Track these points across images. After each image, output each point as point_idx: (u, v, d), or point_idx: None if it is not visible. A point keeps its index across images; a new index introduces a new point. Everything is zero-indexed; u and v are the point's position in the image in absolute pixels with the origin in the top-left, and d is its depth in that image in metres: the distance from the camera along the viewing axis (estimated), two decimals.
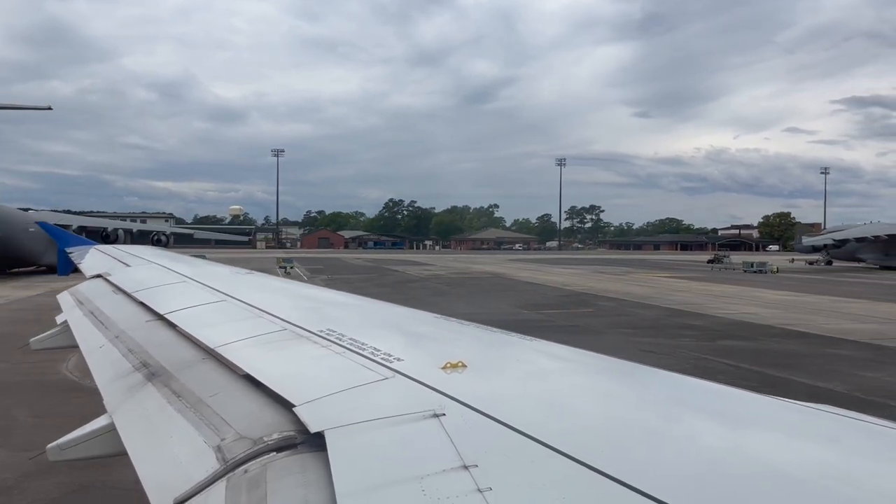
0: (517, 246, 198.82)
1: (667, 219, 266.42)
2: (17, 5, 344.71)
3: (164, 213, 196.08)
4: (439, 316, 3.81)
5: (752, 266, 61.09)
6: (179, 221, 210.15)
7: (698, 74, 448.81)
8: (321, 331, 3.08)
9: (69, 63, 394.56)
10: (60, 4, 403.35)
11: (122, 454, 2.31)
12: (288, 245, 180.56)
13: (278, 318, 3.52)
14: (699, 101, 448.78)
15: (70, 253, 10.22)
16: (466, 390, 2.06)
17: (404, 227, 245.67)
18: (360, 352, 2.64)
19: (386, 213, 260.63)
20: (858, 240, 76.34)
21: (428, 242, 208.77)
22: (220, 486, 1.74)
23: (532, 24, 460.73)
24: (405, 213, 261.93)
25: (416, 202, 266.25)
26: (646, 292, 36.77)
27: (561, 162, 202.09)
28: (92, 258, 8.84)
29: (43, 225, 13.81)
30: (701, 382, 2.34)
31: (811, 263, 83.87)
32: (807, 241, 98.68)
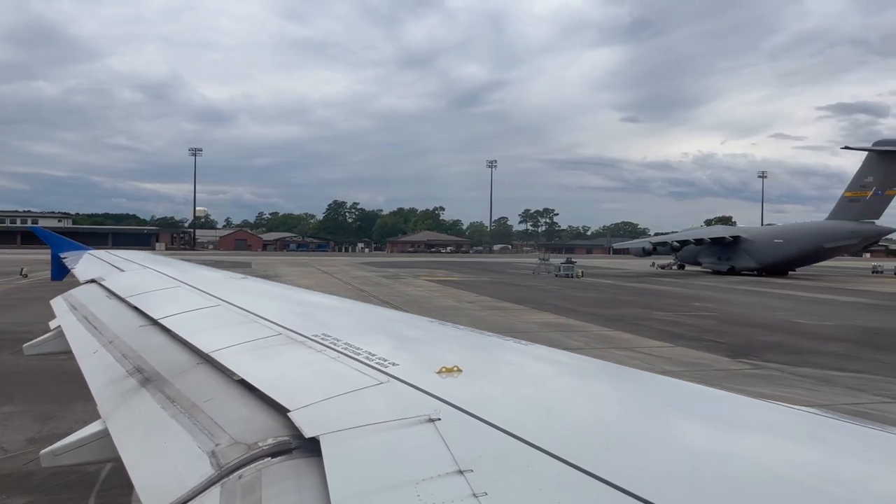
0: (448, 248, 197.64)
1: (622, 222, 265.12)
2: (0, 4, 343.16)
3: (56, 212, 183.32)
4: (434, 320, 3.81)
5: (559, 270, 61.53)
6: (142, 222, 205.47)
7: (686, 79, 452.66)
8: (316, 335, 3.08)
9: (55, 63, 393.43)
10: (45, 3, 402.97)
11: (117, 460, 2.30)
12: (210, 247, 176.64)
13: (273, 322, 3.51)
14: (687, 106, 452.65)
15: (64, 258, 10.18)
16: (461, 395, 2.06)
17: (349, 228, 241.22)
18: (355, 356, 2.64)
19: (332, 215, 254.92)
20: (681, 242, 75.74)
21: (360, 244, 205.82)
22: (215, 491, 1.74)
23: (521, 27, 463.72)
24: (347, 214, 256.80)
25: (358, 203, 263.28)
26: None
27: (492, 164, 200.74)
28: (85, 263, 8.81)
29: (36, 230, 13.76)
30: (694, 386, 2.35)
31: (662, 268, 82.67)
32: (619, 244, 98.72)
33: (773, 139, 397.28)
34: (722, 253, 71.92)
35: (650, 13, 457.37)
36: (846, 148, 67.82)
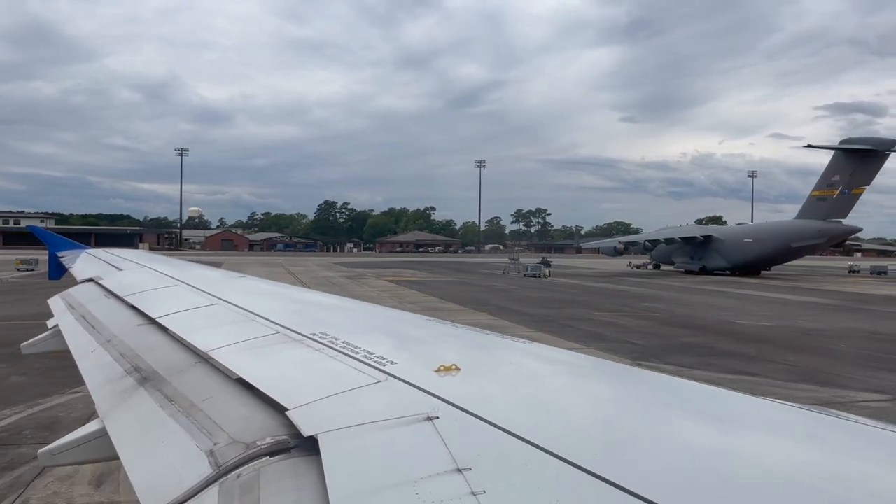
0: (437, 249, 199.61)
1: (615, 222, 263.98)
2: None
3: (39, 212, 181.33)
4: (432, 319, 3.81)
5: (527, 270, 62.10)
6: (135, 223, 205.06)
7: (684, 79, 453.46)
8: (314, 334, 3.08)
9: (52, 63, 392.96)
10: (42, 3, 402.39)
11: (115, 459, 2.30)
12: (197, 247, 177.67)
13: (271, 321, 3.51)
14: (685, 106, 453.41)
15: (61, 257, 10.16)
16: (460, 393, 2.06)
17: (340, 228, 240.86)
18: (354, 355, 2.64)
19: (323, 215, 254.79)
20: (652, 242, 75.93)
21: (349, 244, 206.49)
22: (213, 490, 1.73)
23: (519, 27, 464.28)
24: (337, 214, 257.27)
25: (349, 203, 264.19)
26: None
27: (480, 164, 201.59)
28: (83, 262, 8.79)
29: (34, 229, 13.72)
30: (693, 384, 2.35)
31: (638, 267, 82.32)
32: (588, 244, 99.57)
33: (771, 139, 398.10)
34: (694, 252, 71.74)
35: (648, 13, 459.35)
36: (809, 146, 67.47)
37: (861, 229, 70.94)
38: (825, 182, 63.72)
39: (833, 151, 63.50)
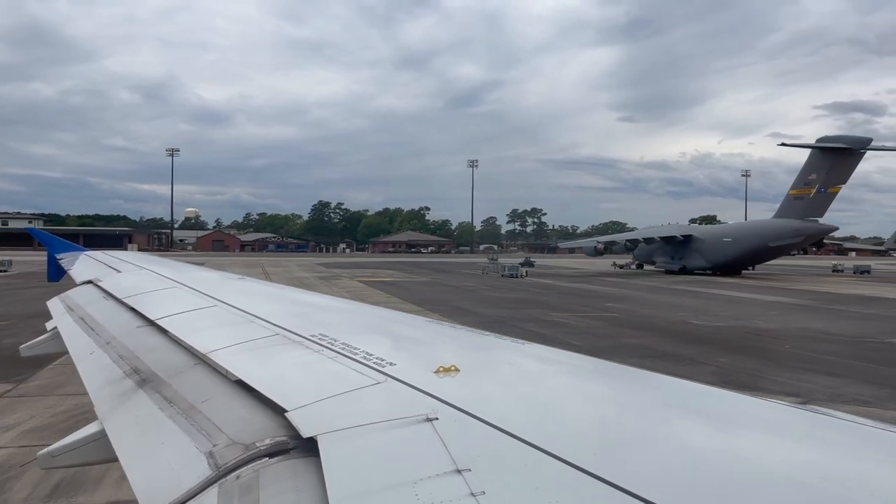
0: (430, 249, 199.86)
1: (610, 222, 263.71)
2: None
3: (38, 213, 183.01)
4: (431, 320, 3.81)
5: (505, 270, 62.20)
6: (130, 223, 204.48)
7: (683, 79, 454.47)
8: (313, 335, 3.08)
9: (51, 64, 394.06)
10: (41, 4, 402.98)
11: (114, 461, 2.30)
12: (189, 248, 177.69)
13: (270, 322, 3.51)
14: (684, 106, 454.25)
15: (60, 259, 10.15)
16: (459, 394, 2.06)
17: (334, 229, 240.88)
18: (353, 356, 2.64)
19: (317, 216, 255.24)
20: (632, 241, 76.23)
21: (342, 245, 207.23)
22: (213, 492, 1.73)
23: (518, 26, 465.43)
24: (332, 215, 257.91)
25: (343, 203, 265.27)
26: None
27: (473, 163, 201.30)
28: (82, 264, 8.78)
29: (32, 231, 13.70)
30: (692, 385, 2.35)
31: (620, 267, 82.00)
32: (566, 244, 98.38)
33: (771, 138, 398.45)
34: (675, 252, 71.64)
35: (647, 13, 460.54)
36: (783, 144, 67.45)
37: (837, 228, 71.11)
38: (802, 181, 63.57)
39: (810, 150, 63.30)
